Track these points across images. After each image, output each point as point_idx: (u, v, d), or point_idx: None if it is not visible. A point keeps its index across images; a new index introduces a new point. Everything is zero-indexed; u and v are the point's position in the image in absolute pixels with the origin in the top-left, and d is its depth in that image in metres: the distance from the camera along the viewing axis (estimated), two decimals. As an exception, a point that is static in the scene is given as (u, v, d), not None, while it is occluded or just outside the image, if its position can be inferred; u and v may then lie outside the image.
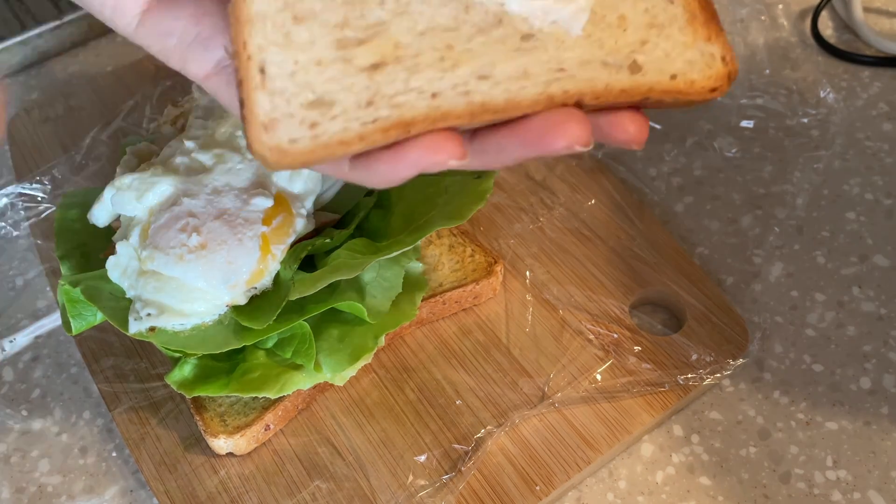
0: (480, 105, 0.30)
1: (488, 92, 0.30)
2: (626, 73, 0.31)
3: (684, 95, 0.32)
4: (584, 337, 0.49)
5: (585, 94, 0.31)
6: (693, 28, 0.32)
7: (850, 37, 0.66)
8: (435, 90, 0.30)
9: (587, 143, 0.30)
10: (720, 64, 0.32)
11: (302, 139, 0.29)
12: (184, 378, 0.45)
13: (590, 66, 0.31)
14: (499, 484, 0.45)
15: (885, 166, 0.58)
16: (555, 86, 0.31)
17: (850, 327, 0.51)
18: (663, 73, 0.32)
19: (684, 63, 0.32)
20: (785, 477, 0.45)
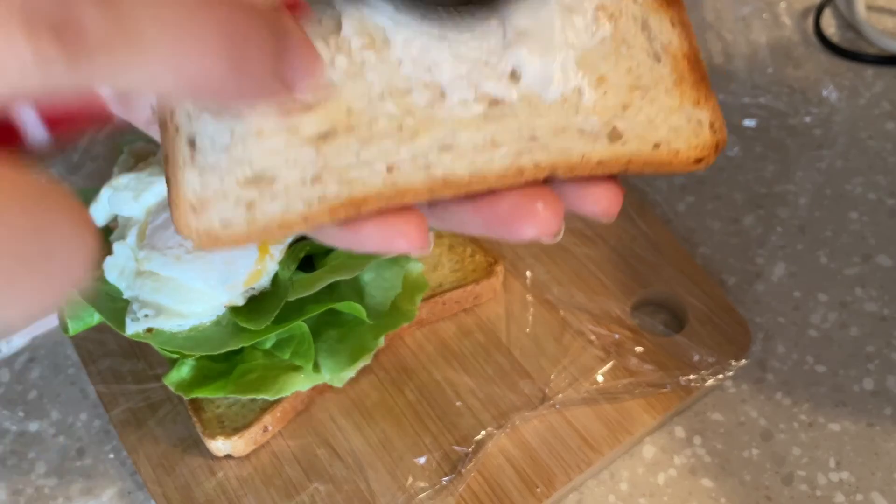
0: (442, 180, 0.27)
1: (451, 165, 0.27)
2: (605, 143, 0.28)
3: (666, 167, 0.29)
4: (586, 338, 0.49)
5: (559, 168, 0.28)
6: (681, 90, 0.29)
7: (852, 35, 0.65)
8: (391, 163, 0.27)
9: (556, 233, 0.28)
10: (708, 132, 0.29)
11: (236, 221, 0.26)
12: (182, 379, 0.45)
13: (565, 135, 0.28)
14: (499, 486, 0.44)
15: (888, 166, 0.58)
16: (525, 157, 0.27)
17: (852, 328, 0.50)
18: (645, 141, 0.29)
19: (669, 130, 0.29)
20: (787, 478, 0.45)
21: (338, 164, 0.26)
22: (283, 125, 0.26)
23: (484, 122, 0.27)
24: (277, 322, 0.43)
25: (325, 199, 0.26)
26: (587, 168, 0.28)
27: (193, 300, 0.44)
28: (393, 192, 0.27)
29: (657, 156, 0.29)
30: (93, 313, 0.46)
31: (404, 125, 0.27)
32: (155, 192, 0.45)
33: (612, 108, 0.28)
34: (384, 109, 0.27)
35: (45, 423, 0.50)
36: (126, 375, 0.50)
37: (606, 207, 0.29)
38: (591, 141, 0.28)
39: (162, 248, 0.44)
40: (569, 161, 0.28)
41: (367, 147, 0.27)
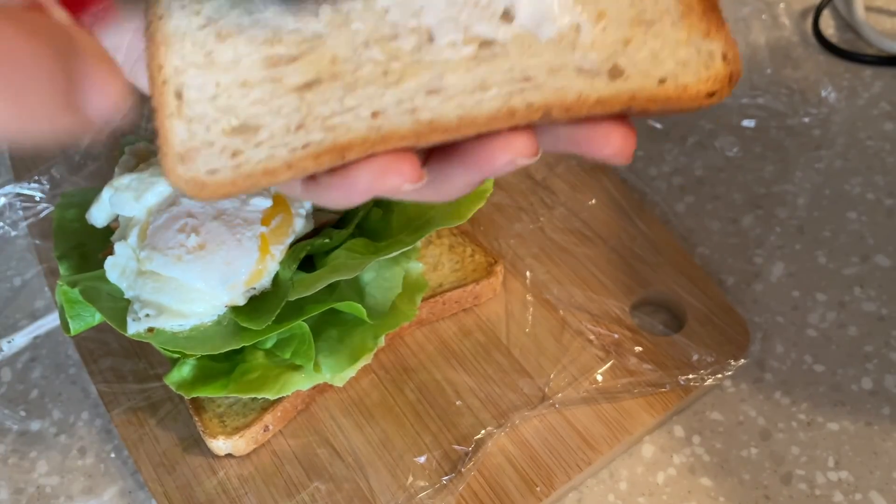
0: (429, 124, 0.26)
1: (438, 108, 0.26)
2: (605, 80, 0.27)
3: (674, 102, 0.27)
4: (585, 337, 0.49)
5: (553, 107, 0.26)
6: (689, 22, 0.27)
7: (851, 36, 0.65)
8: (376, 108, 0.26)
9: (533, 154, 0.27)
10: (720, 63, 0.27)
11: (222, 169, 0.26)
12: (182, 379, 0.45)
13: (560, 74, 0.26)
14: (499, 485, 0.44)
15: (886, 166, 0.58)
16: (517, 98, 0.26)
17: (851, 327, 0.50)
18: (649, 77, 0.27)
19: (676, 64, 0.27)
20: (786, 478, 0.45)
21: (321, 112, 0.26)
22: (267, 76, 0.26)
23: (474, 64, 0.27)
24: (278, 322, 0.44)
25: (309, 146, 0.26)
26: (585, 107, 0.27)
27: (194, 300, 0.44)
28: (378, 138, 0.26)
29: (663, 91, 0.27)
30: (94, 313, 0.46)
31: (389, 70, 0.26)
32: (156, 193, 0.45)
33: (612, 43, 0.27)
34: (369, 56, 0.26)
35: (47, 422, 0.50)
36: (127, 375, 0.50)
37: (619, 147, 0.27)
38: (589, 78, 0.27)
39: (163, 249, 0.44)
40: (564, 100, 0.26)
41: (351, 94, 0.26)
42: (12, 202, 0.59)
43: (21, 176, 0.60)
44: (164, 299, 0.44)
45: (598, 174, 0.57)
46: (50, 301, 0.55)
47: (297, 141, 0.26)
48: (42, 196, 0.58)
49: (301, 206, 0.47)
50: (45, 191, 0.59)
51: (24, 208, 0.58)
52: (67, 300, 0.46)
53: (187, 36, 0.27)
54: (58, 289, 0.46)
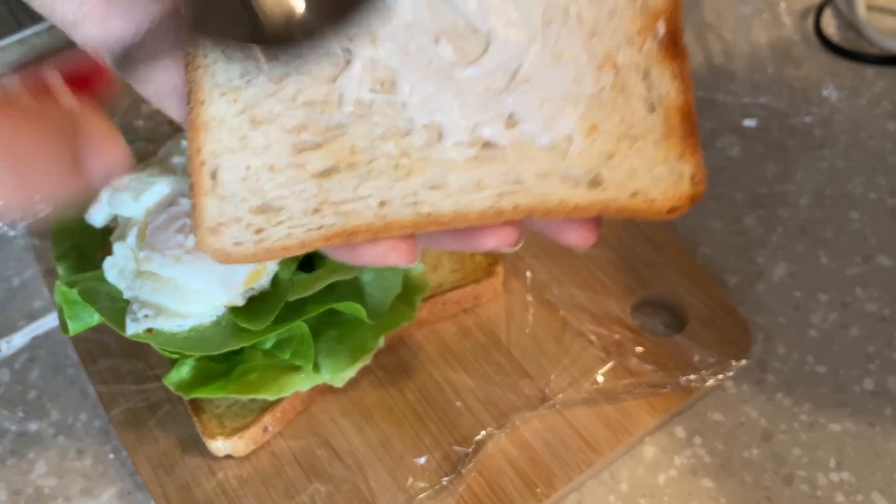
0: (427, 216, 0.29)
1: (437, 203, 0.29)
2: (585, 189, 0.29)
3: (640, 214, 0.30)
4: (586, 338, 0.49)
5: (536, 210, 0.29)
6: (668, 143, 0.30)
7: (853, 35, 0.65)
8: (384, 199, 0.29)
9: (515, 245, 0.30)
10: (687, 184, 0.30)
11: (246, 243, 0.29)
12: (181, 379, 0.45)
13: (548, 180, 0.29)
14: (499, 486, 0.44)
15: (888, 165, 0.58)
16: (507, 199, 0.29)
17: (853, 328, 0.50)
18: (624, 189, 0.29)
19: (650, 180, 0.29)
20: (788, 479, 0.45)
21: (336, 198, 0.29)
22: (293, 161, 0.29)
23: (474, 165, 0.29)
24: (277, 322, 0.43)
25: (322, 228, 0.29)
26: (563, 212, 0.29)
27: (193, 300, 0.44)
28: (381, 226, 0.29)
29: (632, 204, 0.29)
30: (93, 313, 0.46)
31: (400, 164, 0.29)
32: (154, 193, 0.45)
33: (598, 155, 0.29)
34: (384, 149, 0.29)
35: (45, 423, 0.50)
36: (126, 375, 0.50)
37: (582, 239, 0.30)
38: (571, 186, 0.29)
39: (162, 249, 0.44)
40: (547, 205, 0.29)
41: (364, 183, 0.29)
42: (11, 202, 0.58)
43: (20, 176, 0.60)
44: (163, 300, 0.44)
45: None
46: (48, 301, 0.55)
47: (313, 223, 0.29)
48: (41, 196, 0.58)
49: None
50: (43, 191, 0.58)
51: (22, 208, 0.58)
52: (66, 300, 0.46)
53: (225, 122, 0.29)
54: (56, 289, 0.46)
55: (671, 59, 0.30)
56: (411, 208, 0.29)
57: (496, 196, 0.29)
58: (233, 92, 0.29)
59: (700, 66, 0.64)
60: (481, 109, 0.29)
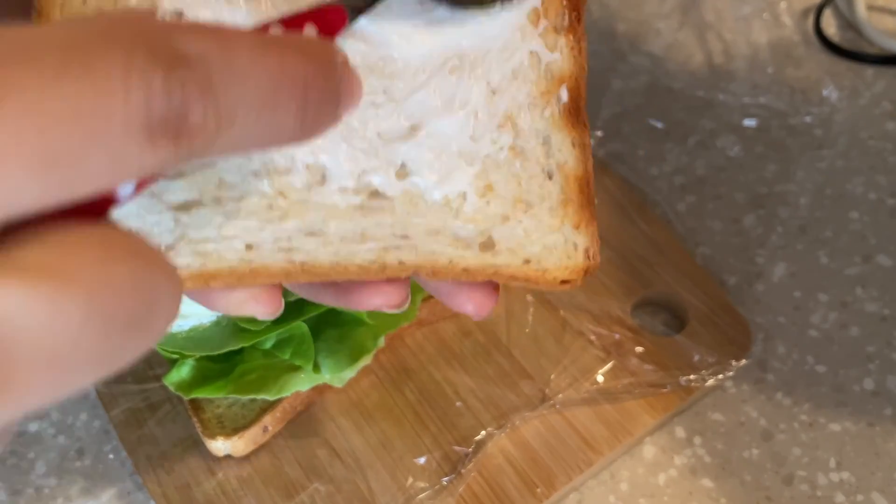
0: (300, 266, 0.26)
1: (313, 252, 0.26)
2: (476, 251, 0.28)
3: (531, 282, 0.28)
4: (586, 338, 0.49)
5: (423, 269, 0.27)
6: (564, 211, 0.28)
7: (853, 35, 0.65)
8: (252, 241, 0.26)
9: (400, 305, 0.28)
10: (581, 257, 0.29)
11: None
12: (181, 379, 0.45)
13: (438, 238, 0.27)
14: (499, 486, 0.44)
15: (888, 165, 0.58)
16: (392, 255, 0.27)
17: (853, 328, 0.50)
18: (517, 255, 0.28)
19: (543, 248, 0.28)
20: (788, 479, 0.45)
21: (195, 236, 0.26)
22: (147, 189, 0.24)
23: (359, 214, 0.27)
24: (277, 322, 0.43)
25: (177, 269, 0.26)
26: (451, 273, 0.28)
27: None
28: (247, 271, 0.26)
29: (524, 271, 0.28)
30: (93, 313, 0.46)
31: (275, 205, 0.26)
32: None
33: (491, 217, 0.28)
34: (258, 187, 0.26)
35: (45, 423, 0.50)
36: (126, 375, 0.50)
37: (476, 309, 0.29)
38: (462, 247, 0.27)
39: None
40: (434, 264, 0.27)
41: (230, 222, 0.26)
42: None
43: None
44: (163, 300, 0.44)
45: (598, 174, 0.56)
46: (48, 301, 0.55)
47: None
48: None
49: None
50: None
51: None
52: (66, 300, 0.46)
53: None
54: (56, 289, 0.46)
55: (572, 127, 0.29)
56: (283, 255, 0.26)
57: (381, 250, 0.27)
58: None
59: (700, 66, 0.64)
60: (371, 156, 0.27)
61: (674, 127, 0.61)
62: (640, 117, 0.61)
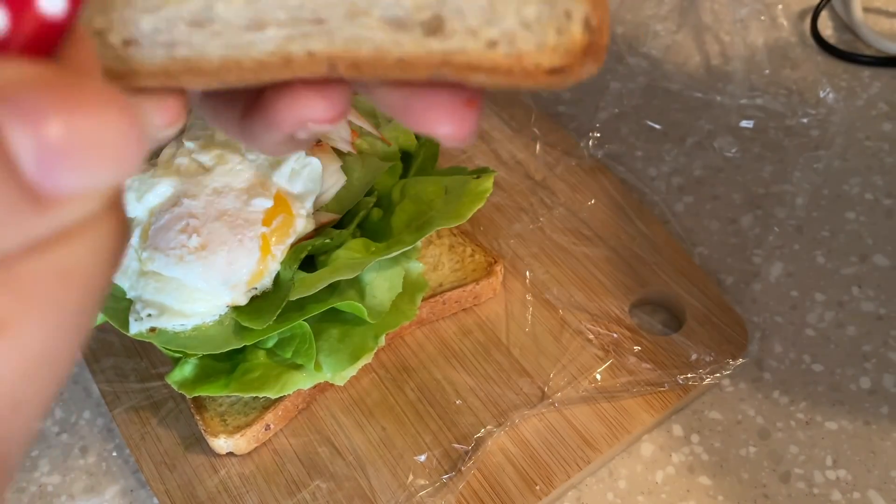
0: (184, 62, 0.21)
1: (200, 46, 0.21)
2: (416, 35, 0.20)
3: (501, 76, 0.20)
4: (584, 337, 0.49)
5: (339, 61, 0.21)
6: None
7: (849, 37, 0.66)
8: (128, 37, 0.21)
9: (327, 120, 0.22)
10: (578, 29, 0.20)
11: None
12: (184, 378, 0.45)
13: (362, 20, 0.20)
14: (499, 483, 0.45)
15: (884, 166, 0.58)
16: (297, 44, 0.21)
17: (849, 327, 0.51)
18: (477, 36, 0.20)
19: (518, 23, 0.20)
20: (785, 476, 0.45)
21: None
22: None
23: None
24: (279, 321, 0.44)
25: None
26: (381, 67, 0.21)
27: (196, 300, 0.44)
28: (125, 69, 0.21)
29: (490, 58, 0.20)
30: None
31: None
32: (158, 194, 0.46)
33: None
34: None
35: (49, 421, 0.50)
36: (129, 374, 0.50)
37: (450, 125, 0.21)
38: (394, 30, 0.20)
39: (165, 249, 0.44)
40: (355, 54, 0.20)
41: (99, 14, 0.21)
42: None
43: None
44: (166, 299, 0.44)
45: (597, 174, 0.57)
46: (52, 301, 0.55)
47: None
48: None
49: (302, 206, 0.47)
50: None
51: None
52: (69, 300, 0.46)
53: None
54: (60, 288, 0.46)
55: None
56: (164, 50, 0.21)
57: (284, 39, 0.20)
58: None
59: (697, 68, 0.64)
60: None
61: (671, 128, 0.61)
62: (638, 118, 0.62)
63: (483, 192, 0.48)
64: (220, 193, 0.45)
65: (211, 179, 0.46)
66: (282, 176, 0.47)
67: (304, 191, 0.47)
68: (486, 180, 0.49)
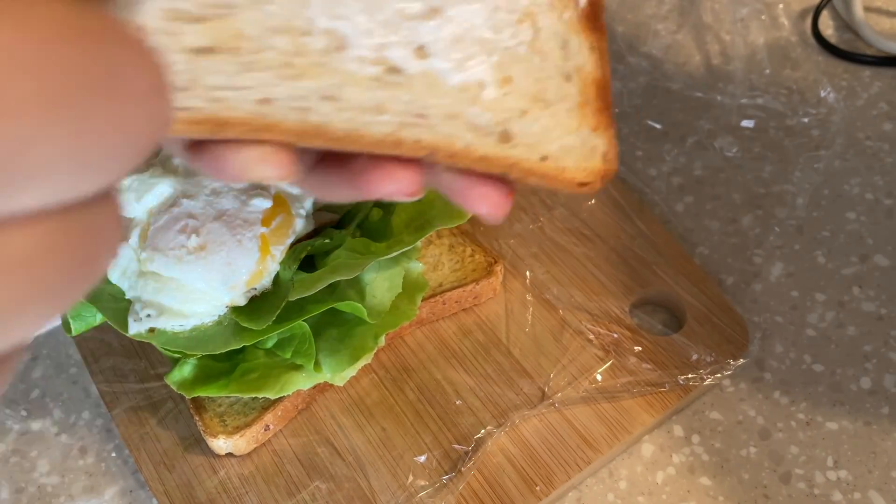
0: (315, 127, 0.26)
1: (329, 116, 0.26)
2: (494, 140, 0.27)
3: (549, 181, 0.28)
4: (585, 337, 0.49)
5: (440, 151, 0.27)
6: (582, 113, 0.29)
7: (850, 36, 0.66)
8: (267, 96, 0.26)
9: (414, 193, 0.27)
10: (599, 160, 0.29)
11: None
12: (183, 378, 0.45)
13: (454, 122, 0.27)
14: (499, 484, 0.44)
15: (885, 166, 0.58)
16: (408, 131, 0.26)
17: (850, 327, 0.51)
18: (534, 151, 0.28)
19: (560, 147, 0.28)
20: (785, 477, 0.45)
21: (209, 82, 0.25)
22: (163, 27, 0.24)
23: (375, 85, 0.26)
24: (279, 322, 0.44)
25: (189, 111, 0.25)
26: (468, 160, 0.27)
27: (195, 300, 0.44)
28: (260, 124, 0.25)
29: (542, 168, 0.28)
30: (95, 313, 0.46)
31: (292, 63, 0.26)
32: (157, 194, 0.45)
33: (509, 110, 0.28)
34: (276, 43, 0.25)
35: (48, 421, 0.50)
36: (128, 374, 0.50)
37: (492, 208, 0.28)
38: (479, 135, 0.27)
39: (164, 249, 0.44)
40: (451, 147, 0.27)
41: (245, 73, 0.25)
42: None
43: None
44: (165, 300, 0.44)
45: (597, 174, 0.57)
46: (51, 301, 0.55)
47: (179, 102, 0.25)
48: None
49: (301, 206, 0.47)
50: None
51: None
52: (68, 300, 0.46)
53: None
54: (59, 289, 0.46)
55: (590, 32, 0.29)
56: (298, 113, 0.25)
57: (397, 125, 0.26)
58: None
59: (698, 68, 0.64)
60: (390, 31, 0.26)
61: (672, 128, 0.61)
62: (638, 118, 0.61)
63: (483, 192, 0.48)
64: (219, 194, 0.45)
65: (210, 180, 0.46)
66: (281, 176, 0.47)
67: (303, 191, 0.47)
68: None
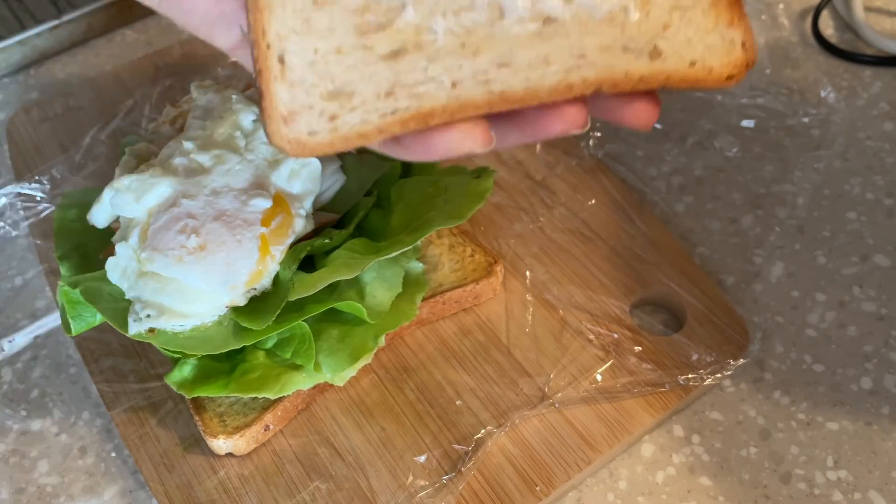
0: (500, 95, 0.30)
1: (508, 80, 0.30)
2: (646, 60, 0.30)
3: (700, 83, 0.31)
4: (585, 337, 0.49)
5: (604, 83, 0.30)
6: (716, 11, 0.31)
7: (850, 36, 0.65)
8: (455, 79, 0.29)
9: (583, 126, 0.31)
10: (739, 50, 0.31)
11: (321, 131, 0.29)
12: (183, 378, 0.45)
13: (610, 52, 0.30)
14: (499, 484, 0.44)
15: (885, 166, 0.58)
16: (574, 74, 0.30)
17: (850, 327, 0.51)
18: (683, 59, 0.31)
19: (704, 49, 0.31)
20: (785, 477, 0.45)
21: (408, 80, 0.29)
22: (359, 43, 0.29)
23: (538, 41, 0.30)
24: (278, 322, 0.44)
25: (397, 112, 0.29)
26: (630, 84, 0.30)
27: (195, 300, 0.44)
28: (457, 106, 0.29)
29: (693, 73, 0.31)
30: (95, 313, 0.46)
31: (467, 43, 0.29)
32: (157, 194, 0.45)
33: (653, 27, 0.30)
34: (448, 27, 0.29)
35: (48, 421, 0.50)
36: (128, 374, 0.50)
37: (646, 120, 0.31)
38: (633, 58, 0.30)
39: (164, 249, 0.44)
40: (613, 77, 0.30)
41: (433, 63, 0.29)
42: (13, 202, 0.59)
43: (22, 176, 0.60)
44: (165, 300, 0.44)
45: (597, 174, 0.57)
46: (51, 301, 0.55)
47: (387, 107, 0.29)
48: (43, 196, 0.59)
49: (301, 206, 0.47)
50: (45, 191, 0.59)
51: (24, 208, 0.58)
52: (68, 301, 0.46)
53: (287, 2, 0.29)
54: (59, 289, 0.46)
55: None
56: (483, 87, 0.29)
57: (564, 71, 0.30)
58: None
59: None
60: None
61: (672, 128, 0.61)
62: (638, 118, 0.61)
63: (483, 192, 0.48)
64: (219, 194, 0.45)
65: (210, 180, 0.46)
66: (281, 176, 0.47)
67: (303, 191, 0.47)
68: (486, 180, 0.49)
